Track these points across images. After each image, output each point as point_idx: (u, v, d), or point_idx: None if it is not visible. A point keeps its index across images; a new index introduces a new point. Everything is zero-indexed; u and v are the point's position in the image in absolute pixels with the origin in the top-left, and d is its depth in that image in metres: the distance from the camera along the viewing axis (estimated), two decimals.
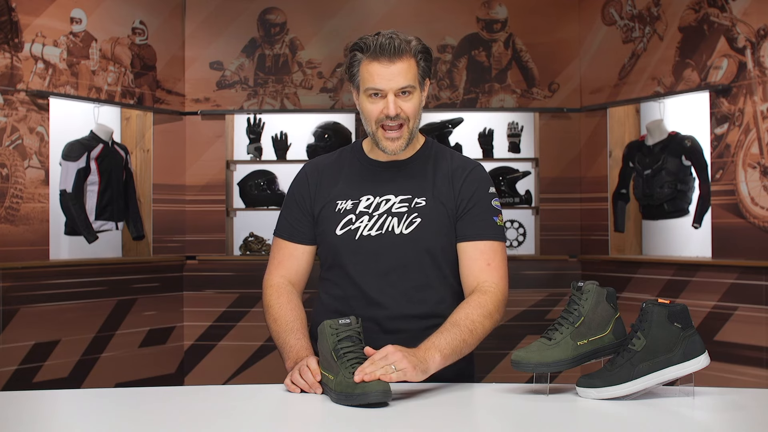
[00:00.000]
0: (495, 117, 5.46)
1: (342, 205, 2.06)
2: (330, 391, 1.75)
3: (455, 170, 2.07)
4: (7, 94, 4.29)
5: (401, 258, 2.01)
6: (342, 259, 2.05)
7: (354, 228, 2.03)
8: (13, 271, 4.28)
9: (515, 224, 5.42)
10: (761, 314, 4.13)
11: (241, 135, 5.44)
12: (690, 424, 1.63)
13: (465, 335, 1.88)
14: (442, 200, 2.04)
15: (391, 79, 1.95)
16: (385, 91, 1.96)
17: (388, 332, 1.99)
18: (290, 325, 2.02)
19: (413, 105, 2.00)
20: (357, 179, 2.08)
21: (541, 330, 1.98)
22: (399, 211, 2.03)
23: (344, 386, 1.71)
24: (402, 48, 1.95)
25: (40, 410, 1.75)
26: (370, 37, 1.97)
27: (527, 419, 1.64)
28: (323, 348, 1.81)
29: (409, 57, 1.96)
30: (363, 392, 1.67)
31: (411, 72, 1.97)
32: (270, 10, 5.36)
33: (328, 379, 1.77)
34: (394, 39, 1.95)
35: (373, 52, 1.95)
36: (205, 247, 5.27)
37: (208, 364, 5.21)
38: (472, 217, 2.04)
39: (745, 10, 4.25)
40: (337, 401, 1.72)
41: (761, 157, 4.16)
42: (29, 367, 4.38)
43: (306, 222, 2.11)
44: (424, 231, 2.01)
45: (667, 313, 1.74)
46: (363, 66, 1.98)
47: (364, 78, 1.98)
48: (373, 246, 2.01)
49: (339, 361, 1.75)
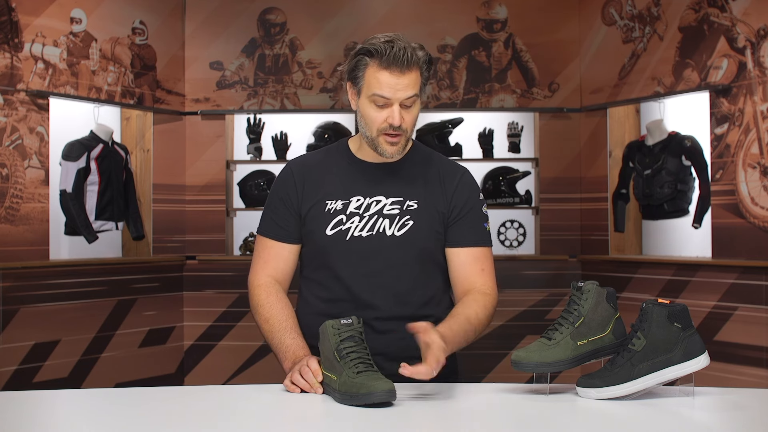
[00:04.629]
0: (495, 117, 5.46)
1: (332, 205, 2.05)
2: (333, 391, 1.75)
3: (445, 175, 2.09)
4: (7, 94, 4.29)
5: (392, 259, 2.01)
6: (331, 260, 2.04)
7: (345, 228, 2.03)
8: (13, 271, 4.28)
9: (515, 224, 5.42)
10: (761, 314, 4.13)
11: (241, 135, 5.44)
12: (690, 424, 1.63)
13: (470, 336, 1.94)
14: (434, 204, 2.05)
15: (400, 89, 1.95)
16: (392, 101, 1.96)
17: (378, 332, 1.99)
18: (283, 324, 2.01)
19: (414, 115, 2.01)
20: (346, 179, 2.07)
21: (541, 330, 1.98)
22: (391, 212, 2.03)
23: (349, 386, 1.71)
24: (413, 60, 1.94)
25: (40, 410, 1.75)
26: (380, 43, 1.95)
27: (527, 419, 1.64)
28: (325, 348, 1.80)
29: (417, 68, 1.96)
30: (368, 392, 1.67)
31: (417, 83, 1.97)
32: (270, 10, 5.36)
33: (331, 380, 1.76)
34: (407, 49, 1.94)
35: (385, 61, 1.93)
36: (205, 247, 5.27)
37: (208, 364, 5.21)
38: (465, 224, 2.06)
39: (745, 10, 4.25)
40: (341, 401, 1.72)
41: (761, 157, 4.16)
42: (29, 367, 4.38)
43: (292, 221, 2.09)
44: (417, 233, 2.02)
45: (667, 313, 1.74)
46: (370, 71, 1.96)
47: (370, 83, 1.96)
48: (364, 247, 2.01)
49: (342, 361, 1.75)
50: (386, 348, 1.92)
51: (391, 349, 1.92)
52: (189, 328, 5.23)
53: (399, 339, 1.90)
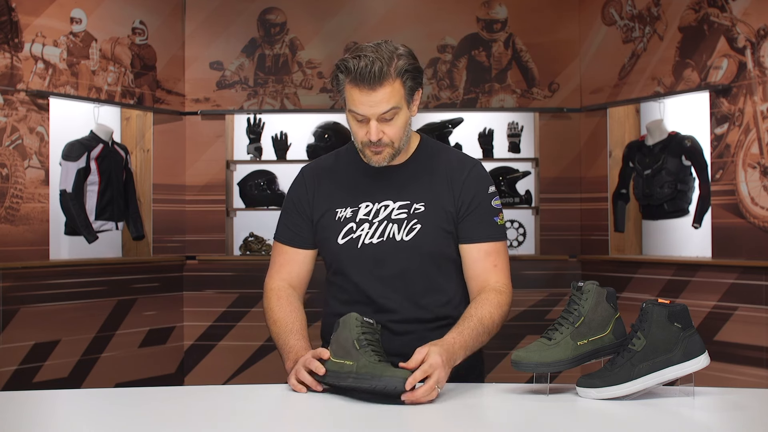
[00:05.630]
0: (495, 117, 5.46)
1: (342, 213, 2.05)
2: (343, 377, 1.75)
3: (453, 171, 2.06)
4: (7, 94, 4.29)
5: (404, 264, 2.01)
6: (345, 267, 2.05)
7: (355, 237, 2.03)
8: (13, 271, 4.28)
9: (515, 224, 5.42)
10: (761, 314, 4.13)
11: (241, 135, 5.44)
12: (690, 424, 1.63)
13: (484, 337, 1.95)
14: (442, 203, 2.03)
15: (373, 105, 1.90)
16: (368, 116, 1.92)
17: (397, 334, 2.01)
18: (290, 327, 2.03)
19: (397, 127, 1.95)
20: (354, 185, 2.07)
21: (541, 330, 1.98)
22: (398, 217, 2.03)
23: (370, 368, 1.72)
24: (384, 73, 1.87)
25: (40, 410, 1.75)
26: (352, 59, 1.88)
27: (527, 419, 1.64)
28: (344, 337, 1.81)
29: (392, 80, 1.89)
30: (393, 376, 1.69)
31: (395, 96, 1.90)
32: (270, 10, 5.36)
33: (344, 365, 1.77)
34: (375, 63, 1.86)
35: (354, 79, 1.89)
36: (205, 247, 5.27)
37: (208, 364, 5.21)
38: (474, 220, 2.04)
39: (745, 10, 4.25)
40: (355, 384, 1.72)
41: (761, 157, 4.16)
42: (29, 367, 4.38)
43: (305, 226, 2.11)
44: (425, 237, 2.01)
45: (667, 313, 1.74)
46: (346, 87, 1.92)
47: (347, 99, 1.93)
48: (375, 253, 2.02)
49: (362, 350, 1.77)
50: (404, 349, 1.91)
51: (409, 350, 1.91)
52: (189, 328, 5.23)
53: (417, 340, 1.90)
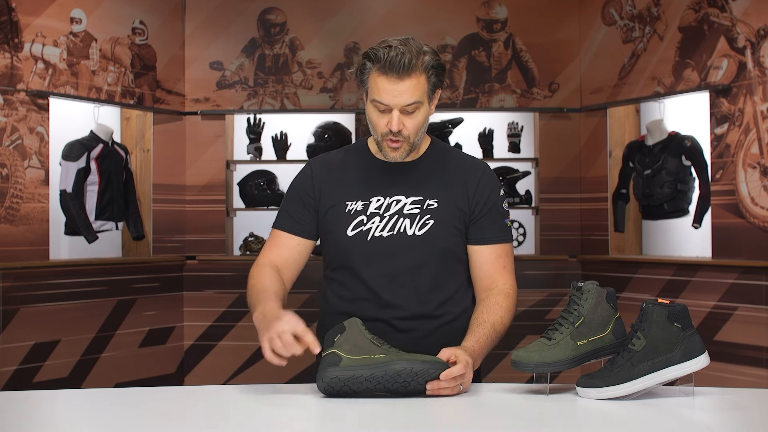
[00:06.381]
0: (495, 117, 5.46)
1: (352, 206, 2.05)
2: (367, 367, 1.73)
3: (467, 171, 2.08)
4: (7, 94, 4.30)
5: (414, 259, 2.02)
6: (352, 261, 2.04)
7: (366, 229, 2.03)
8: (13, 271, 4.28)
9: (515, 224, 5.42)
10: (761, 314, 4.13)
11: (241, 135, 5.44)
12: (690, 424, 1.63)
13: (496, 342, 1.98)
14: (455, 201, 2.05)
15: (398, 96, 1.92)
16: (391, 106, 1.94)
17: (401, 331, 2.01)
18: (263, 290, 1.96)
19: (417, 121, 1.97)
20: (366, 180, 2.08)
21: (541, 330, 1.98)
22: (411, 212, 2.03)
23: (402, 355, 1.73)
24: (413, 64, 1.90)
25: (40, 410, 1.75)
26: (381, 48, 1.92)
27: (527, 419, 1.64)
28: (356, 337, 1.79)
29: (419, 73, 1.92)
30: (430, 361, 1.72)
31: (419, 88, 1.94)
32: (270, 10, 5.36)
33: (370, 359, 1.75)
34: (405, 54, 1.89)
35: (382, 66, 1.91)
36: (205, 247, 5.27)
37: (208, 364, 5.21)
38: (486, 221, 2.06)
39: (745, 10, 4.25)
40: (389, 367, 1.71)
41: (761, 157, 4.16)
42: (29, 367, 4.38)
43: (308, 216, 2.09)
44: (438, 232, 2.02)
45: (667, 313, 1.74)
46: (372, 76, 1.94)
47: (371, 88, 1.95)
48: (385, 247, 2.01)
49: (383, 346, 1.78)
50: (407, 346, 1.92)
51: (412, 347, 1.91)
52: (189, 328, 5.23)
53: (420, 337, 1.92)
